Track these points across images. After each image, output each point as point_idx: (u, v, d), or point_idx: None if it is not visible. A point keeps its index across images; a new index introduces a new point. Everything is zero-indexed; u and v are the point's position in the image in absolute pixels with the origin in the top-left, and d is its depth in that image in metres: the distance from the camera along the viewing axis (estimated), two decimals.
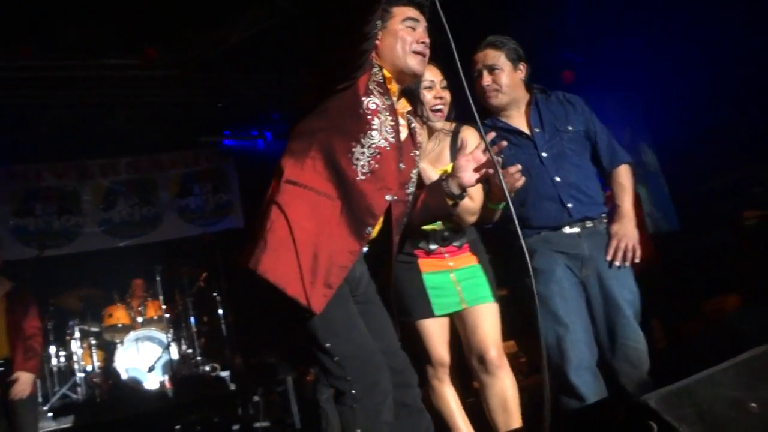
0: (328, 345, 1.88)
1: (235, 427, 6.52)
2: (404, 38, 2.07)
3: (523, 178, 2.37)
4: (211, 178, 8.61)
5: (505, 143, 2.29)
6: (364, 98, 1.94)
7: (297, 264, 1.84)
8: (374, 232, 2.00)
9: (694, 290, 4.92)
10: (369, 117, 1.93)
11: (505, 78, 2.68)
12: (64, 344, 6.39)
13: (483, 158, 2.11)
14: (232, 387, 6.24)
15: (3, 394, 3.89)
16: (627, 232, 2.59)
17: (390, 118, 1.99)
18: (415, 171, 2.12)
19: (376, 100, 1.96)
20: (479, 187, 2.50)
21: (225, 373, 6.29)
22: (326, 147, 1.93)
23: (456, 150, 2.48)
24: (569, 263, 2.57)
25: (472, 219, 2.55)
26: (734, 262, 4.87)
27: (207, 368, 6.40)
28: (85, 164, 8.07)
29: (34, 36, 6.31)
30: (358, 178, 1.91)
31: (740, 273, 4.71)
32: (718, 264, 5.04)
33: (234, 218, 8.59)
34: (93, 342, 6.43)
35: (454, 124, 2.66)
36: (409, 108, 2.21)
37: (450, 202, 2.16)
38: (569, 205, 2.58)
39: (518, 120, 2.74)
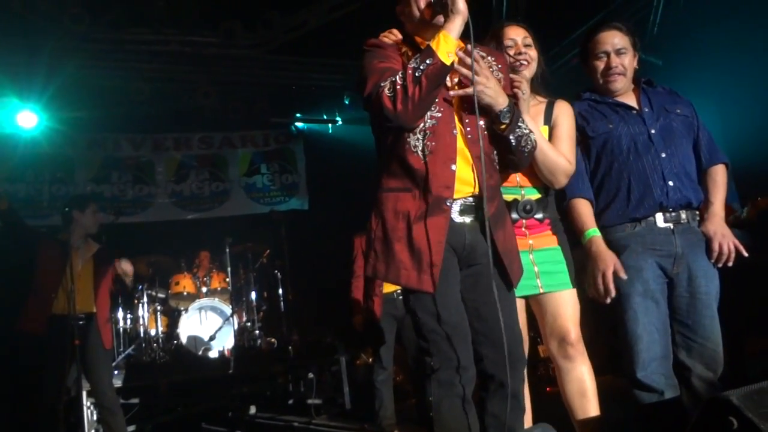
0: (417, 317, 2.07)
1: (290, 401, 6.68)
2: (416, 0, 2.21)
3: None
4: (280, 159, 8.79)
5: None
6: None
7: (401, 257, 2.05)
8: (463, 182, 2.09)
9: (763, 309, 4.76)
10: None
11: (629, 62, 2.66)
12: (132, 307, 6.63)
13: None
14: (287, 363, 6.37)
15: (82, 346, 4.09)
16: (725, 231, 2.53)
17: None
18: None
19: None
20: (573, 148, 2.56)
21: (281, 349, 6.42)
22: (391, 148, 2.12)
23: (550, 118, 2.61)
24: (661, 261, 2.50)
25: (564, 180, 2.52)
26: None
27: (264, 342, 6.55)
28: (160, 137, 8.37)
29: (121, 4, 6.51)
30: (422, 161, 2.06)
31: None
32: None
33: (299, 199, 8.76)
34: (159, 307, 6.68)
35: (548, 99, 2.69)
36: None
37: (503, 126, 2.12)
38: (670, 183, 2.51)
39: (627, 99, 2.70)
